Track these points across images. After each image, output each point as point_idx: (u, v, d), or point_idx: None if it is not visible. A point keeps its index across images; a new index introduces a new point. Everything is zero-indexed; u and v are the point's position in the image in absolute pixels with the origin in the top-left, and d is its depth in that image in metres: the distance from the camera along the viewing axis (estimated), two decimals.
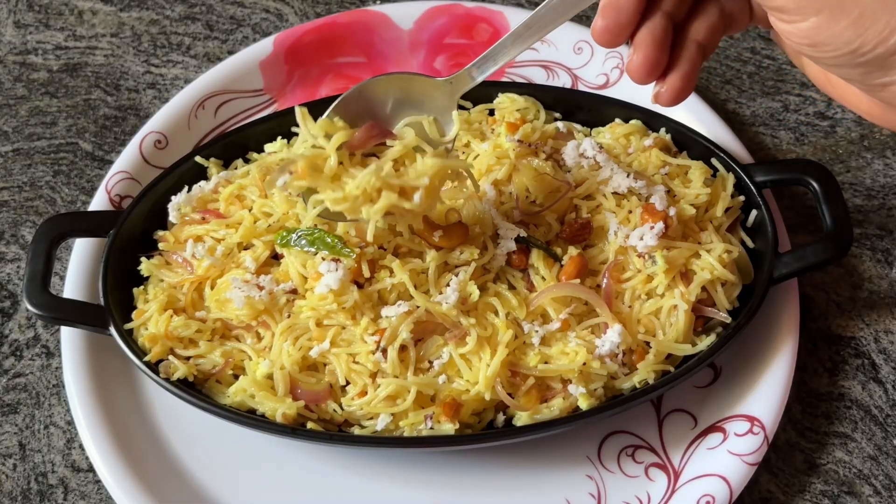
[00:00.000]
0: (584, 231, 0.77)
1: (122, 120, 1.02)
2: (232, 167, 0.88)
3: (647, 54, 0.64)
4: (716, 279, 0.77)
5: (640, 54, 0.64)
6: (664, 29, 0.64)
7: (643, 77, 0.65)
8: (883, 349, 0.85)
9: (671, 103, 0.67)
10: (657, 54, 0.64)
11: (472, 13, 1.02)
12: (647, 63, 0.64)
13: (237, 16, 1.11)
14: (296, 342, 0.75)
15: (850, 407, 0.82)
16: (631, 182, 0.78)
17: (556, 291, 0.74)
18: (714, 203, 0.80)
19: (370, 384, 0.73)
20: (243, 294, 0.75)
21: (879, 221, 0.92)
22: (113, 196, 0.88)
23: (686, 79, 0.66)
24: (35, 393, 0.85)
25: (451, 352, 0.73)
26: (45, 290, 0.76)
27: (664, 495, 0.76)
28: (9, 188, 0.97)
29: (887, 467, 0.79)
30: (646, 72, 0.65)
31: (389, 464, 0.78)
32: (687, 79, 0.66)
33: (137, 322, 0.78)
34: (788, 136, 0.99)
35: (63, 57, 1.07)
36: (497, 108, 0.88)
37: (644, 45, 0.64)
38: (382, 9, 1.03)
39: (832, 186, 0.78)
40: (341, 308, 0.74)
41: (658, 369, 0.75)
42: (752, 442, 0.75)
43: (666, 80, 0.66)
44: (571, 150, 0.82)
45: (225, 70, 0.98)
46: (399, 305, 0.73)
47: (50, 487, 0.79)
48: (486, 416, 0.75)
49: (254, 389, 0.74)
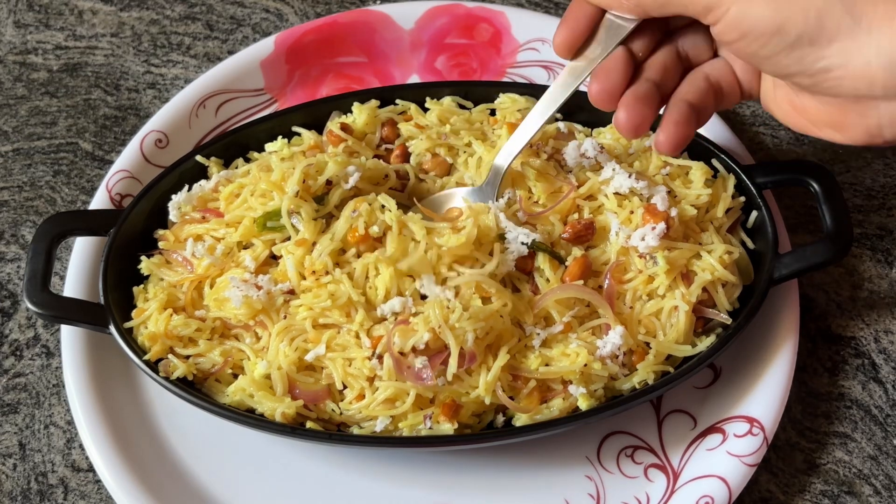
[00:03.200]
0: (588, 232, 0.77)
1: (122, 120, 1.02)
2: (232, 166, 0.88)
3: (630, 108, 0.67)
4: (716, 280, 0.77)
5: (624, 109, 0.67)
6: (648, 89, 0.68)
7: (629, 129, 0.67)
8: (883, 349, 0.85)
9: (668, 150, 0.68)
10: (641, 108, 0.67)
11: (473, 13, 1.02)
12: (631, 116, 0.67)
13: (237, 16, 1.11)
14: (292, 343, 0.75)
15: (850, 407, 0.82)
16: (632, 182, 0.78)
17: (560, 293, 0.74)
18: (715, 204, 0.80)
19: (367, 387, 0.73)
20: (241, 293, 0.75)
21: (879, 221, 0.92)
22: (114, 195, 0.88)
23: (678, 126, 0.68)
24: (35, 393, 0.85)
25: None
26: (46, 288, 0.76)
27: (663, 496, 0.76)
28: (9, 188, 0.97)
29: (887, 467, 0.79)
30: (632, 124, 0.67)
31: (389, 464, 0.78)
32: (679, 126, 0.68)
33: (137, 321, 0.78)
34: (788, 136, 0.99)
35: (63, 57, 1.07)
36: (498, 108, 0.88)
37: (627, 101, 0.67)
38: (383, 8, 1.03)
39: (832, 187, 0.78)
40: (335, 306, 0.73)
41: (658, 370, 0.75)
42: (752, 443, 0.75)
43: (659, 129, 0.68)
44: (572, 150, 0.82)
45: (226, 69, 0.98)
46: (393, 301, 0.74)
47: (50, 487, 0.79)
48: (485, 417, 0.75)
49: (252, 389, 0.74)
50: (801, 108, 0.66)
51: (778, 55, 0.61)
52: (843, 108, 0.63)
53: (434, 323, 0.71)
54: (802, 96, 0.65)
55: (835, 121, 0.64)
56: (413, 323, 0.72)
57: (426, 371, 0.71)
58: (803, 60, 0.60)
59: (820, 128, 0.66)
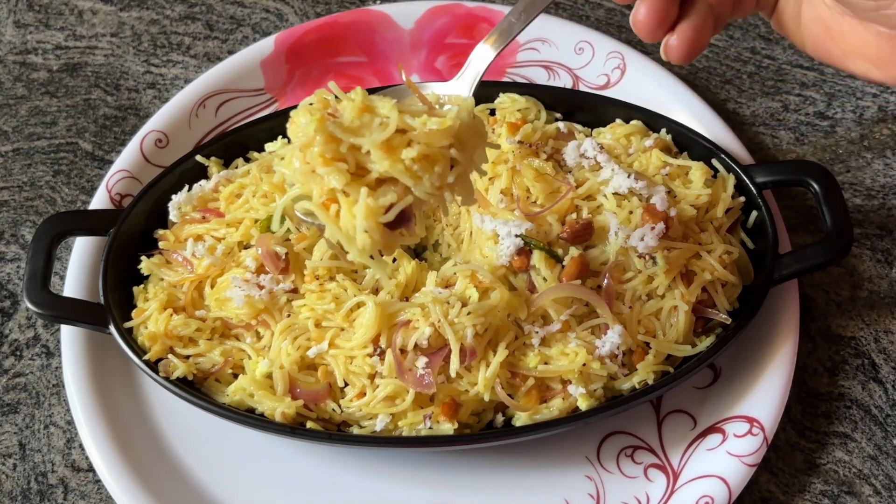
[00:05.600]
0: (586, 232, 0.77)
1: (122, 120, 1.02)
2: (232, 166, 0.88)
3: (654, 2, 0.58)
4: (716, 280, 0.77)
5: (647, 3, 0.58)
6: None
7: (651, 27, 0.59)
8: (883, 349, 0.85)
9: (682, 56, 0.60)
10: (665, 2, 0.58)
11: (474, 13, 1.02)
12: (654, 11, 0.58)
13: (237, 16, 1.11)
14: (294, 341, 0.75)
15: (850, 407, 0.82)
16: (632, 182, 0.78)
17: (557, 292, 0.74)
18: (714, 204, 0.80)
19: (368, 385, 0.73)
20: (243, 293, 0.75)
21: (879, 221, 0.92)
22: (113, 195, 0.88)
23: (698, 30, 0.59)
24: (35, 393, 0.85)
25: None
26: (46, 288, 0.76)
27: (663, 496, 0.76)
28: (9, 188, 0.97)
29: (887, 467, 0.79)
30: (654, 21, 0.58)
31: (388, 463, 0.78)
32: (699, 30, 0.59)
33: (137, 321, 0.78)
34: (788, 135, 0.99)
35: (63, 57, 1.07)
36: (498, 108, 0.88)
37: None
38: (383, 8, 1.03)
39: (832, 187, 0.78)
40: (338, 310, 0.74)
41: (658, 370, 0.75)
42: (752, 443, 0.75)
43: (676, 30, 0.60)
44: (572, 150, 0.82)
45: (226, 69, 0.98)
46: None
47: (50, 487, 0.79)
48: (485, 417, 0.75)
49: (253, 388, 0.74)
50: (838, 34, 0.59)
51: None
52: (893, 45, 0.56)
53: (434, 318, 0.71)
54: (845, 20, 0.58)
55: (879, 55, 0.57)
56: (414, 321, 0.72)
57: (427, 377, 0.71)
58: None
59: (853, 59, 0.59)
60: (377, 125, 0.56)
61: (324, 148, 0.56)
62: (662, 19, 0.59)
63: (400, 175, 0.56)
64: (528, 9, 0.65)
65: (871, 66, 0.59)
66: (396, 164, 0.56)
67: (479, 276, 0.74)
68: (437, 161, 0.57)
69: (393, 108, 0.56)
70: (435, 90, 0.69)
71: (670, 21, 0.59)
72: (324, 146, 0.55)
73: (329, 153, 0.56)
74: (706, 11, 0.60)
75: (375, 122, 0.56)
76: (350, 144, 0.56)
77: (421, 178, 0.57)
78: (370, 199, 0.56)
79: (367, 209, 0.56)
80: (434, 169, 0.57)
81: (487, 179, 0.81)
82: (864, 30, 0.57)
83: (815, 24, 0.60)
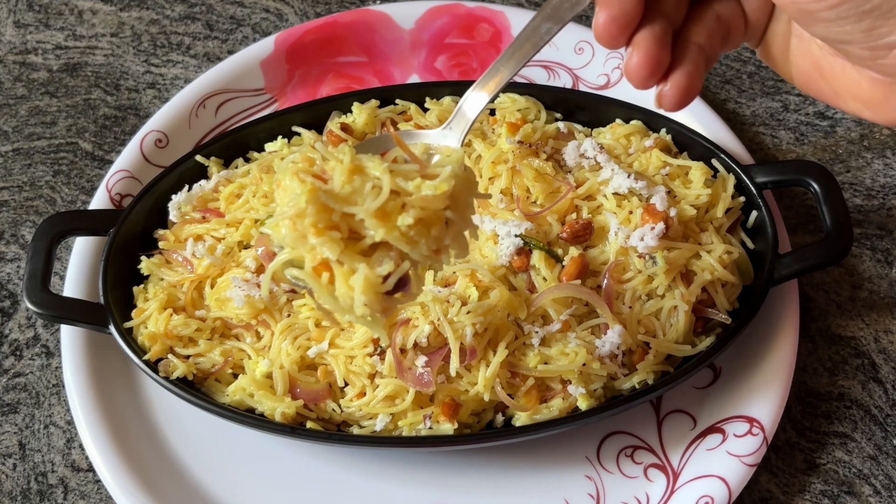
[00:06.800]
0: (586, 232, 0.77)
1: (122, 120, 1.02)
2: (232, 166, 0.88)
3: (647, 51, 0.57)
4: (716, 280, 0.77)
5: (640, 52, 0.58)
6: (664, 29, 0.58)
7: (644, 77, 0.58)
8: (883, 349, 0.85)
9: (676, 105, 0.60)
10: (658, 51, 0.58)
11: (474, 13, 1.02)
12: (648, 61, 0.57)
13: (237, 16, 1.11)
14: (294, 341, 0.75)
15: (850, 407, 0.82)
16: (632, 182, 0.78)
17: (557, 292, 0.74)
18: (714, 204, 0.80)
19: (368, 385, 0.73)
20: (243, 293, 0.75)
21: (879, 221, 0.92)
22: (113, 195, 0.88)
23: (691, 77, 0.59)
24: (35, 393, 0.85)
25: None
26: (45, 288, 0.76)
27: (663, 496, 0.76)
28: (9, 188, 0.97)
29: (887, 467, 0.79)
30: (648, 70, 0.58)
31: (388, 463, 0.78)
32: (692, 77, 0.59)
33: (137, 321, 0.78)
34: (788, 136, 0.99)
35: (63, 57, 1.07)
36: (498, 107, 0.88)
37: (643, 42, 0.57)
38: (383, 8, 1.03)
39: (832, 188, 0.78)
40: None
41: (657, 370, 0.75)
42: (752, 443, 0.75)
43: (670, 79, 0.59)
44: (572, 150, 0.82)
45: (226, 69, 0.98)
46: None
47: (50, 487, 0.79)
48: (485, 417, 0.75)
49: (253, 388, 0.74)
50: (829, 74, 0.58)
51: (844, 20, 0.52)
52: (889, 88, 0.56)
53: (433, 316, 0.71)
54: (836, 61, 0.58)
55: (872, 98, 0.57)
56: (413, 319, 0.72)
57: (427, 375, 0.71)
58: (872, 32, 0.52)
59: (844, 99, 0.59)
60: (369, 189, 0.54)
61: (316, 218, 0.53)
62: (655, 68, 0.58)
63: (396, 242, 0.54)
64: (516, 56, 0.63)
65: (862, 106, 0.58)
66: (392, 232, 0.54)
67: (479, 275, 0.74)
68: (433, 224, 0.55)
69: (385, 170, 0.54)
70: (424, 140, 0.67)
71: (663, 69, 0.58)
72: (316, 216, 0.53)
73: (322, 223, 0.53)
74: (697, 55, 0.59)
75: (367, 186, 0.54)
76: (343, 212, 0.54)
77: (417, 242, 0.55)
78: (368, 270, 0.54)
79: (365, 282, 0.54)
80: (430, 232, 0.55)
81: (487, 179, 0.81)
82: (856, 73, 0.57)
83: (804, 61, 0.60)
